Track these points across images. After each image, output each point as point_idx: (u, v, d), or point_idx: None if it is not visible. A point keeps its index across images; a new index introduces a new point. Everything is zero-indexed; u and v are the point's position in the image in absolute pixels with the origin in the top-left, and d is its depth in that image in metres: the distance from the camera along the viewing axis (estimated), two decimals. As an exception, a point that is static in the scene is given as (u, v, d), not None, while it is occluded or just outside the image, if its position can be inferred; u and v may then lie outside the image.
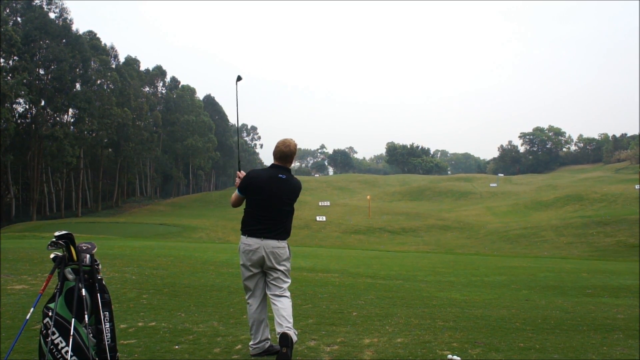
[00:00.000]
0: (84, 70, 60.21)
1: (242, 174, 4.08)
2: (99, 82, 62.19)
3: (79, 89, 59.57)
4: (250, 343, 3.99)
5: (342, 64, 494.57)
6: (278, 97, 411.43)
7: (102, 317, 3.25)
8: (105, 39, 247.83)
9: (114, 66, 66.89)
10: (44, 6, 56.35)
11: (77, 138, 59.00)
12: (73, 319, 3.14)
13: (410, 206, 69.03)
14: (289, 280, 4.03)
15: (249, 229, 3.97)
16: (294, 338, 3.75)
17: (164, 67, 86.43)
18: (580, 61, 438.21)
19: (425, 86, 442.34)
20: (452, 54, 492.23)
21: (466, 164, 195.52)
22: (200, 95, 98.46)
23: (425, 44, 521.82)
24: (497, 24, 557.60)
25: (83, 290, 3.22)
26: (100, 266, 3.44)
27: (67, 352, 3.10)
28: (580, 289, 8.88)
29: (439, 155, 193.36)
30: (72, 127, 60.50)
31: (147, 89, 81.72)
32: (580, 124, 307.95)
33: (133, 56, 77.94)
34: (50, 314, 3.17)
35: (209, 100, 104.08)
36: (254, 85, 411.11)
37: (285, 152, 3.96)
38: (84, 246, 3.40)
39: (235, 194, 4.08)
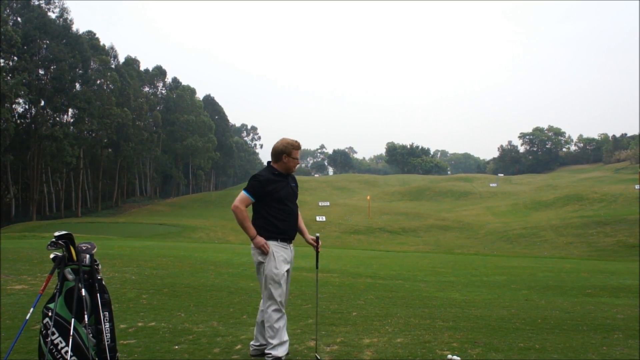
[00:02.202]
0: (83, 70, 60.20)
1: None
2: (98, 82, 62.24)
3: (78, 89, 59.54)
4: (252, 342, 4.00)
5: (342, 64, 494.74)
6: (278, 97, 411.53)
7: (101, 317, 3.25)
8: (105, 39, 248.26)
9: (113, 66, 66.89)
10: (42, 6, 56.30)
11: (77, 138, 58.99)
12: (73, 319, 3.14)
13: (410, 206, 69.00)
14: (264, 294, 3.85)
15: None
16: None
17: (164, 67, 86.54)
18: (580, 61, 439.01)
19: (425, 86, 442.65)
20: (452, 54, 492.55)
21: (466, 164, 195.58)
22: (200, 95, 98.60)
23: (425, 43, 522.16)
24: (497, 23, 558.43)
25: (83, 290, 3.22)
26: (100, 266, 3.44)
27: (66, 352, 3.10)
28: (580, 289, 8.88)
29: (438, 155, 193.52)
30: (71, 127, 60.47)
31: (146, 89, 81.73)
32: (580, 124, 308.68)
33: (133, 56, 78.10)
34: (50, 314, 3.16)
35: (209, 100, 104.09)
36: (254, 85, 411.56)
37: (274, 150, 4.00)
38: (84, 246, 3.40)
39: None
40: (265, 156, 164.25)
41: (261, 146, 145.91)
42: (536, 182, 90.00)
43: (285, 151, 3.91)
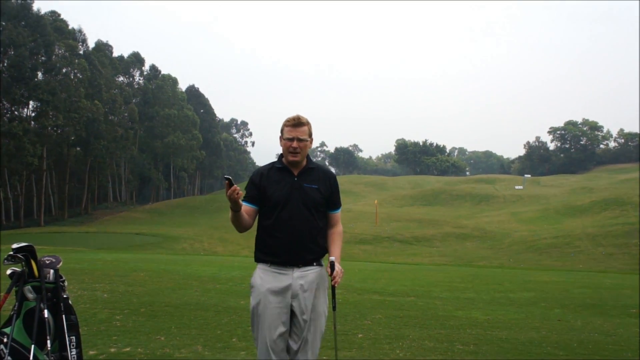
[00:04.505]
0: (46, 57, 60.18)
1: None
2: (64, 70, 62.20)
3: (40, 78, 59.54)
4: None
5: (345, 50, 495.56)
6: (272, 88, 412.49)
7: (67, 343, 3.23)
8: (72, 21, 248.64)
9: (82, 52, 66.96)
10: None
11: (39, 135, 58.97)
12: (33, 346, 3.11)
13: (423, 212, 69.01)
14: None
15: None
16: None
17: (141, 54, 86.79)
18: (619, 45, 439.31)
19: (440, 76, 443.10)
20: (469, 37, 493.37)
21: (487, 163, 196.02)
22: (182, 86, 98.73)
23: (439, 28, 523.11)
24: (527, 3, 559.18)
25: (45, 311, 3.19)
26: (66, 283, 3.42)
27: (26, 383, 3.07)
28: (623, 308, 8.86)
29: (456, 154, 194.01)
30: (33, 123, 60.46)
31: (121, 78, 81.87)
32: (621, 116, 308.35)
33: (104, 41, 78.19)
34: (5, 340, 3.14)
35: (193, 92, 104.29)
36: (245, 75, 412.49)
37: None
38: (47, 260, 3.38)
39: None
40: (256, 155, 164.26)
41: (252, 144, 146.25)
42: (569, 184, 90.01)
43: (281, 131, 3.38)
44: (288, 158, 3.33)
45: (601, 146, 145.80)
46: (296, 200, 3.29)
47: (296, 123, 3.30)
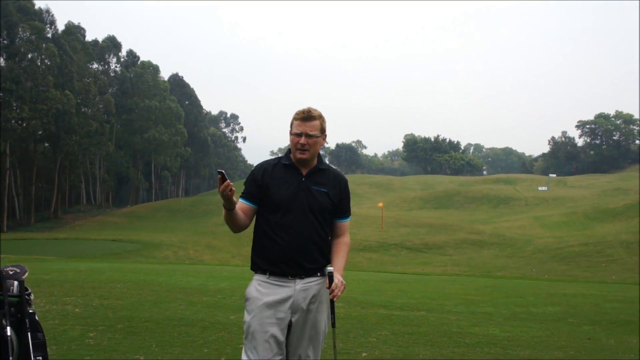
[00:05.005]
0: (9, 41, 59.99)
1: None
2: (30, 55, 62.01)
3: (2, 64, 59.36)
4: None
5: (344, 32, 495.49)
6: (265, 76, 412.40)
7: (33, 363, 3.22)
8: (38, 0, 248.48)
9: (50, 35, 66.79)
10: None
11: (2, 129, 58.63)
12: (-5, 366, 3.11)
13: (434, 216, 69.08)
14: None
15: None
16: None
17: (117, 38, 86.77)
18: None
19: (454, 64, 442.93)
20: (486, 19, 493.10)
21: (507, 161, 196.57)
22: (164, 74, 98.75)
23: (452, 9, 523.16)
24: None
25: (8, 328, 3.18)
26: (32, 296, 3.41)
27: (-14, 409, 3.07)
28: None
29: (471, 151, 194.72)
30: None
31: (95, 65, 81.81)
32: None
33: (76, 23, 78.12)
34: (-37, 360, 3.13)
35: (177, 81, 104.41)
36: (234, 62, 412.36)
37: None
38: (11, 270, 3.37)
39: None
40: (248, 152, 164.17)
41: (244, 139, 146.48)
42: (600, 185, 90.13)
43: (290, 125, 3.37)
44: (296, 155, 3.32)
45: (637, 142, 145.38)
46: (301, 203, 3.28)
47: (306, 116, 3.29)
